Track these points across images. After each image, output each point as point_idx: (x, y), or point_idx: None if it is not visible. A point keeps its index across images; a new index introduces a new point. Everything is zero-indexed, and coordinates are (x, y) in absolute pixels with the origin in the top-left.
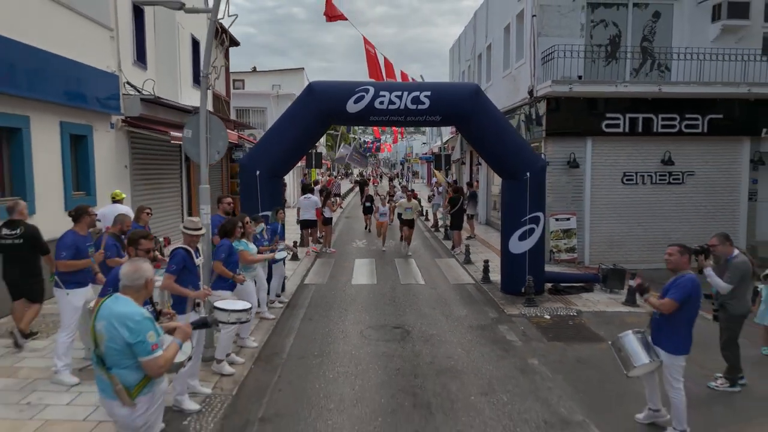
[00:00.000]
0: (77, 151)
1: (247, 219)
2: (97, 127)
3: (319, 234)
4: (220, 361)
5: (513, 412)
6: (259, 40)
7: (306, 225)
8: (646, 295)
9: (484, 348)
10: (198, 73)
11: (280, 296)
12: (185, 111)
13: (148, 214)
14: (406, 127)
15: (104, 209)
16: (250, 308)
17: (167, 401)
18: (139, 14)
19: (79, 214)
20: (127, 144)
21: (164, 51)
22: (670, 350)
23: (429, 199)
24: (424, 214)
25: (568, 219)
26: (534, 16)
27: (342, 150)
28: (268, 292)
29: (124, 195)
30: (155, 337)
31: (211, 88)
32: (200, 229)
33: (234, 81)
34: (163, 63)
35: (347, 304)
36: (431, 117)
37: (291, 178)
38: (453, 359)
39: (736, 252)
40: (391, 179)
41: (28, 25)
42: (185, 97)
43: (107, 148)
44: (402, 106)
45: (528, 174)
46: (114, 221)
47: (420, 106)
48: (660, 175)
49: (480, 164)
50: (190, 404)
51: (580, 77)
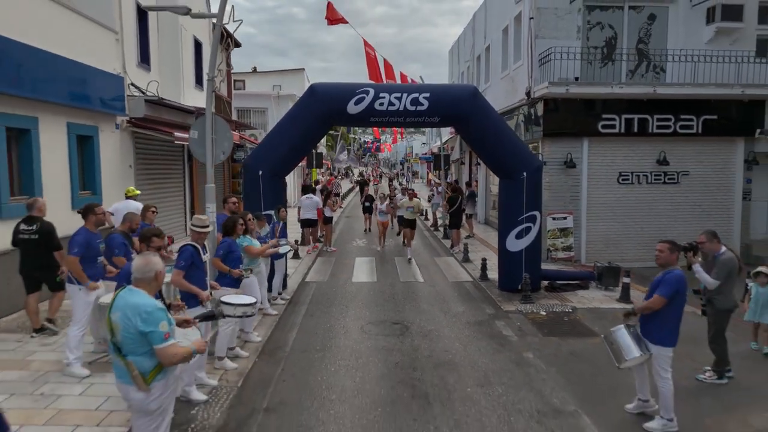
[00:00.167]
0: (83, 152)
1: (250, 216)
2: (103, 128)
3: (319, 233)
4: (222, 359)
5: (507, 403)
6: (259, 40)
7: (307, 224)
8: (634, 313)
9: (480, 342)
10: (200, 75)
11: (282, 293)
12: (188, 112)
13: (153, 212)
14: (406, 128)
15: (118, 204)
16: (255, 302)
17: None
18: (143, 17)
19: (86, 213)
20: (132, 144)
21: (167, 53)
22: (659, 342)
23: (429, 199)
24: (424, 213)
25: (565, 218)
26: (531, 18)
27: (342, 156)
28: (270, 289)
29: (138, 192)
30: (167, 327)
31: (215, 90)
32: (208, 226)
33: (235, 81)
34: (166, 65)
35: (348, 301)
36: (430, 118)
37: (291, 179)
38: (450, 353)
39: (723, 249)
40: (390, 180)
41: (38, 28)
42: (188, 98)
43: (112, 148)
44: (401, 108)
45: (524, 174)
46: (123, 219)
47: (419, 108)
48: (655, 175)
49: (479, 164)
50: (198, 395)
51: (576, 79)
